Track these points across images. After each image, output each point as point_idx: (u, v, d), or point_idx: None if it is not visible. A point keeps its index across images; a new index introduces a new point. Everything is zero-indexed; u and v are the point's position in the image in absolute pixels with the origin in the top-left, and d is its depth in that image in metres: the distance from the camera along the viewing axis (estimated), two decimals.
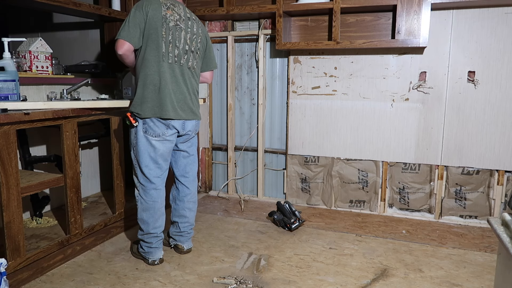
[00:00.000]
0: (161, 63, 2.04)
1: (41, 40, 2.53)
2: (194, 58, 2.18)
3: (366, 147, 3.03)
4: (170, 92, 2.07)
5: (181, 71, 2.12)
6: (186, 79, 2.14)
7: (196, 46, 2.18)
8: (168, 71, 2.06)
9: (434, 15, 2.72)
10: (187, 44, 2.13)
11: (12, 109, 1.94)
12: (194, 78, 2.21)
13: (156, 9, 2.01)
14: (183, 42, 2.11)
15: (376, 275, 2.14)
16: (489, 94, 2.70)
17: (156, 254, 2.24)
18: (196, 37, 2.18)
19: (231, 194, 3.51)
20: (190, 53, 2.15)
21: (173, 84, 2.09)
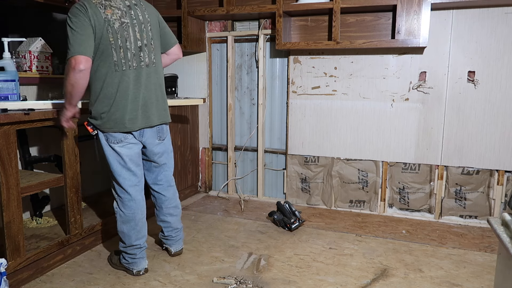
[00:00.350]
0: (114, 74, 1.88)
1: (41, 40, 2.53)
2: (150, 51, 1.99)
3: (366, 147, 3.03)
4: (126, 104, 1.92)
5: (138, 75, 1.94)
6: (145, 82, 1.97)
7: (149, 36, 1.98)
8: (124, 79, 1.90)
9: (434, 15, 2.72)
10: (138, 40, 1.94)
11: (12, 109, 1.94)
12: (157, 73, 2.03)
13: (96, 14, 1.81)
14: (133, 40, 1.92)
15: (376, 275, 2.14)
16: (489, 94, 2.70)
17: (140, 264, 2.12)
18: (145, 25, 1.97)
19: (231, 194, 3.51)
20: (144, 48, 1.96)
21: (132, 91, 1.93)
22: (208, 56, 3.43)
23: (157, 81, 2.04)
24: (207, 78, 3.45)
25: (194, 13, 3.11)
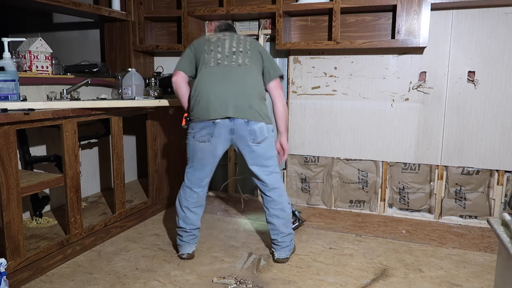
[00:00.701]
0: (202, 70, 2.13)
1: (41, 40, 2.53)
2: (244, 56, 2.14)
3: (366, 147, 3.03)
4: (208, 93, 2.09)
5: (226, 71, 2.11)
6: (233, 78, 2.11)
7: (245, 47, 2.16)
8: (209, 74, 2.11)
9: (434, 15, 2.72)
10: (233, 47, 2.15)
11: (12, 109, 1.94)
12: (250, 74, 2.13)
13: (200, 41, 2.22)
14: (228, 46, 2.15)
15: (376, 275, 2.14)
16: (489, 94, 2.70)
17: (184, 249, 2.31)
18: (243, 42, 2.18)
19: (231, 193, 3.51)
20: (238, 53, 2.14)
21: (215, 84, 2.09)
22: None
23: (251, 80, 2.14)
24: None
25: (194, 13, 3.11)
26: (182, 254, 2.30)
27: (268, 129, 2.17)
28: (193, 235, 2.31)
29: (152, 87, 2.98)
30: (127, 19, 3.25)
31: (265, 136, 2.14)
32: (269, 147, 2.19)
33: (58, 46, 3.55)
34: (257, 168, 2.19)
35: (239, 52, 2.14)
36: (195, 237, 2.32)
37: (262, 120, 2.13)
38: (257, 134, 2.12)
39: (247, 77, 2.12)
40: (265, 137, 2.14)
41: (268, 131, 2.16)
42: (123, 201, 2.66)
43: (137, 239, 2.58)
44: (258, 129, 2.11)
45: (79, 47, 3.69)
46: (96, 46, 3.63)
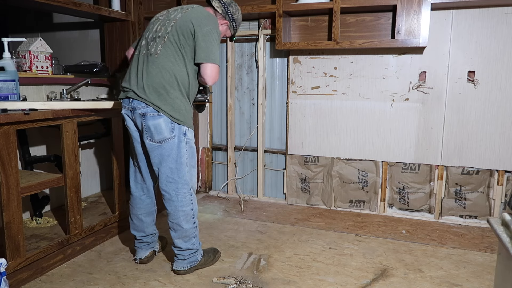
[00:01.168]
0: (132, 58, 2.05)
1: (41, 40, 2.53)
2: (159, 43, 1.93)
3: (366, 147, 3.03)
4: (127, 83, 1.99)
5: (143, 61, 1.95)
6: (142, 69, 1.94)
7: (165, 31, 1.93)
8: (134, 64, 2.00)
9: (434, 15, 2.72)
10: (156, 31, 1.97)
11: (12, 109, 1.94)
12: (155, 65, 1.91)
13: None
14: (154, 31, 1.98)
15: (376, 275, 2.14)
16: (489, 94, 2.70)
17: (137, 254, 2.26)
18: (169, 22, 1.95)
19: (231, 194, 3.51)
20: (156, 39, 1.95)
21: (133, 75, 1.97)
22: None
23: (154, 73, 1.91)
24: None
25: None
26: (135, 259, 2.25)
27: (174, 129, 1.92)
28: (145, 242, 2.22)
29: None
30: (127, 19, 3.25)
31: (165, 136, 1.91)
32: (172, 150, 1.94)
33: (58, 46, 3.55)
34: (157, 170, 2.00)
35: (157, 38, 1.95)
36: (148, 244, 2.23)
37: (164, 114, 1.89)
38: (152, 132, 1.91)
39: (151, 68, 1.91)
40: (165, 137, 1.92)
41: (174, 131, 1.92)
42: (123, 201, 2.66)
43: None
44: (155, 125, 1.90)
45: (79, 47, 3.69)
46: (96, 46, 3.63)
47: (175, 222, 2.04)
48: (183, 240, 2.06)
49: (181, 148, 1.96)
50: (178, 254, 2.11)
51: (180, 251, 2.09)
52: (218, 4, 2.07)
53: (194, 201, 2.07)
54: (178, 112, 1.92)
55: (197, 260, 2.15)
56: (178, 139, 1.95)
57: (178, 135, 1.94)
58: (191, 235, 2.07)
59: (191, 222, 2.06)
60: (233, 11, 2.11)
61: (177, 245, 2.08)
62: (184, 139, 1.97)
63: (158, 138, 1.92)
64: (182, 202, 2.01)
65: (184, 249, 2.08)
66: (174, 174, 1.98)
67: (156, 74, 1.91)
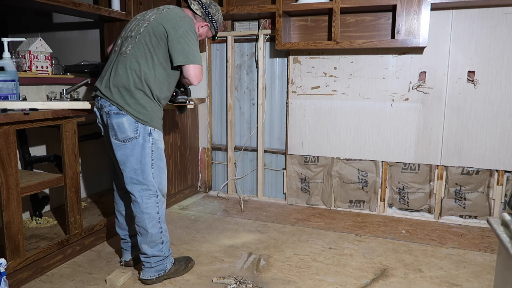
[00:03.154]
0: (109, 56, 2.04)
1: (40, 40, 2.53)
2: (130, 43, 1.90)
3: (366, 147, 3.03)
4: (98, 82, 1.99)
5: (114, 60, 1.94)
6: (111, 68, 1.93)
7: (138, 31, 1.91)
8: (108, 62, 1.99)
9: (433, 15, 2.72)
10: (130, 31, 1.95)
11: (12, 109, 1.94)
12: (122, 65, 1.89)
13: None
14: (128, 31, 1.97)
15: (375, 275, 2.14)
16: (488, 94, 2.71)
17: (123, 255, 2.23)
18: (143, 22, 1.93)
19: (231, 194, 3.51)
20: (129, 38, 1.93)
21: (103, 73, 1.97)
22: (208, 56, 3.43)
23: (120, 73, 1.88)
24: (207, 78, 3.45)
25: None
26: (120, 261, 2.21)
27: (138, 128, 1.87)
28: (129, 242, 2.17)
29: None
30: (127, 19, 3.24)
31: (128, 135, 1.87)
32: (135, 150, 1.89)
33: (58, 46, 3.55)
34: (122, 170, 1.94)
35: (129, 37, 1.92)
36: (133, 245, 2.17)
37: (127, 113, 1.85)
38: (115, 130, 1.87)
39: (119, 68, 1.89)
40: (128, 136, 1.87)
41: (138, 131, 1.87)
42: None
43: None
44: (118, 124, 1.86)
45: (79, 47, 3.69)
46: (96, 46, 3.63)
47: (140, 225, 1.96)
48: (149, 246, 1.97)
49: (145, 148, 1.89)
50: (144, 261, 2.01)
51: (147, 258, 1.99)
52: (197, 6, 2.04)
53: (160, 204, 1.98)
54: (142, 112, 1.87)
55: (166, 269, 2.04)
56: (143, 139, 1.89)
57: (142, 135, 1.88)
58: (157, 240, 1.98)
59: (157, 226, 1.97)
60: (213, 12, 2.08)
61: (143, 251, 1.98)
62: (150, 139, 1.90)
63: (121, 136, 1.88)
64: (147, 204, 1.93)
65: (151, 256, 1.98)
66: (139, 175, 1.91)
67: (122, 74, 1.87)
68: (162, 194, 2.00)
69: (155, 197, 1.95)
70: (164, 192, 2.02)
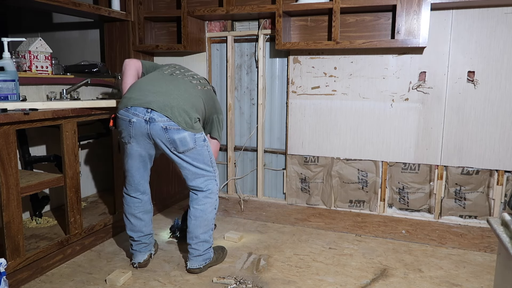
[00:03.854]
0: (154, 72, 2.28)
1: (40, 40, 2.53)
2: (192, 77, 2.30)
3: (366, 147, 3.03)
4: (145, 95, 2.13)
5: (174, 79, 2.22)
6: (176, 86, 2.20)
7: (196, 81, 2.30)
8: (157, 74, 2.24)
9: (433, 15, 2.72)
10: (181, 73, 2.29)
11: (12, 109, 1.94)
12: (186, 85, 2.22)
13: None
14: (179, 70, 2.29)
15: (375, 275, 2.14)
16: (489, 94, 2.71)
17: (135, 258, 2.23)
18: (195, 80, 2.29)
19: (231, 194, 3.51)
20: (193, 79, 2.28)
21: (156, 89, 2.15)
22: (208, 56, 3.43)
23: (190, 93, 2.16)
24: (207, 78, 3.45)
25: (193, 13, 3.11)
26: (133, 263, 2.22)
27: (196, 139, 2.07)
28: (144, 243, 2.23)
29: None
30: (127, 19, 3.25)
31: (189, 147, 2.05)
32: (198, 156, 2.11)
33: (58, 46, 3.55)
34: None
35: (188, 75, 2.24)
36: (146, 245, 2.24)
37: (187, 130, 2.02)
38: (177, 144, 2.03)
39: (192, 90, 2.14)
40: (190, 147, 2.06)
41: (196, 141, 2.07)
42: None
43: None
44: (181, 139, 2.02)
45: (79, 47, 3.69)
46: (96, 46, 3.63)
47: (201, 209, 2.13)
48: (203, 230, 2.13)
49: (204, 151, 2.12)
50: (193, 249, 2.15)
51: (196, 243, 2.13)
52: None
53: (217, 195, 2.21)
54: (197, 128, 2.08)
55: (211, 258, 2.20)
56: (202, 145, 2.10)
57: (200, 142, 2.09)
58: (210, 225, 2.16)
59: (213, 212, 2.18)
60: None
61: (196, 234, 2.12)
62: (205, 144, 2.13)
63: (183, 149, 2.05)
64: (211, 192, 2.16)
65: (201, 241, 2.13)
66: (202, 171, 2.14)
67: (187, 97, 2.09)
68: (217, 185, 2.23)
69: (216, 186, 2.20)
70: (218, 184, 2.26)
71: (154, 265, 2.23)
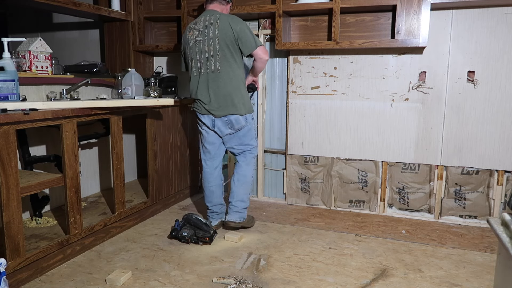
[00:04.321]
0: (192, 77, 2.59)
1: (40, 40, 2.53)
2: (216, 61, 2.47)
3: (366, 147, 3.03)
4: (199, 97, 2.56)
5: (206, 79, 2.52)
6: (210, 84, 2.51)
7: (215, 48, 2.46)
8: (195, 81, 2.56)
9: (433, 15, 2.72)
10: (206, 52, 2.48)
11: (12, 109, 1.94)
12: (228, 76, 2.49)
13: (184, 36, 2.61)
14: (202, 53, 2.49)
15: (375, 275, 2.14)
16: (488, 94, 2.71)
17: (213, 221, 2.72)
18: (213, 41, 2.45)
19: None
20: (211, 58, 2.48)
21: (200, 90, 2.54)
22: None
23: (223, 83, 2.49)
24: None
25: (194, 13, 3.11)
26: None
27: (247, 119, 2.57)
28: (215, 212, 2.72)
29: (151, 87, 2.98)
30: (127, 19, 3.25)
31: (242, 124, 2.56)
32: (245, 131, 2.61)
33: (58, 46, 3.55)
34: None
35: (211, 57, 2.47)
36: (217, 214, 2.72)
37: (236, 112, 2.52)
38: (233, 123, 2.55)
39: (223, 81, 2.48)
40: (242, 125, 2.56)
41: (247, 120, 2.57)
42: (122, 201, 2.66)
43: (137, 239, 2.58)
44: (234, 119, 2.54)
45: (79, 47, 3.69)
46: (96, 46, 3.63)
47: (244, 173, 2.64)
48: (245, 190, 2.65)
49: (251, 128, 2.65)
50: (234, 205, 2.64)
51: (237, 201, 2.63)
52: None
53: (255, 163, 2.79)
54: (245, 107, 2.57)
55: (245, 218, 2.68)
56: (247, 123, 2.60)
57: (247, 121, 2.59)
58: (250, 188, 2.69)
59: (252, 178, 2.70)
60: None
61: (239, 192, 2.63)
62: (252, 122, 2.64)
63: (237, 127, 2.57)
64: (252, 160, 2.69)
65: (240, 200, 2.64)
66: (247, 146, 2.65)
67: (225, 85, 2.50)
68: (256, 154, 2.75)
69: (255, 156, 2.72)
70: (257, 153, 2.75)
71: (154, 265, 2.23)
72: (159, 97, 2.95)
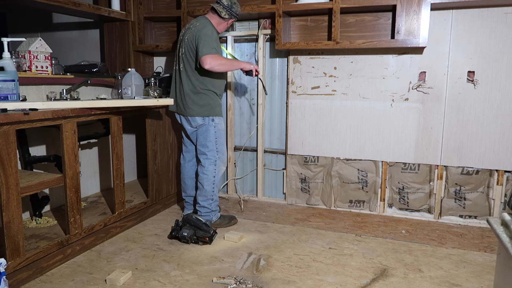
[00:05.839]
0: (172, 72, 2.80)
1: (40, 40, 2.53)
2: (182, 62, 2.65)
3: (366, 147, 3.03)
4: (171, 92, 2.79)
5: (175, 77, 2.73)
6: (177, 82, 2.71)
7: (182, 51, 2.64)
8: (173, 77, 2.78)
9: (433, 15, 2.72)
10: (180, 52, 2.68)
11: (12, 109, 1.94)
12: (186, 78, 2.64)
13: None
14: (179, 52, 2.69)
15: (375, 275, 2.14)
16: (488, 94, 2.71)
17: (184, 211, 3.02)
18: (184, 43, 2.63)
19: (231, 194, 3.51)
20: (180, 59, 2.67)
21: (172, 87, 2.77)
22: None
23: (186, 83, 2.64)
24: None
25: (193, 13, 3.11)
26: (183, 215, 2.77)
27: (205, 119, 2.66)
28: (188, 202, 2.97)
29: (151, 87, 2.98)
30: (127, 19, 3.25)
31: (199, 123, 2.66)
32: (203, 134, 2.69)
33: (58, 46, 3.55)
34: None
35: (181, 56, 2.65)
36: (190, 204, 2.96)
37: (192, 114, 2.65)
38: (190, 121, 2.68)
39: (183, 82, 2.66)
40: (199, 124, 2.66)
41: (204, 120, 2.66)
42: (122, 201, 2.66)
43: (136, 239, 2.58)
44: (191, 117, 2.67)
45: (79, 47, 3.69)
46: (96, 46, 3.63)
47: (200, 182, 2.72)
48: (202, 198, 2.73)
49: (208, 129, 2.67)
50: (197, 209, 2.78)
51: (199, 207, 2.75)
52: (225, 13, 2.61)
53: (217, 171, 2.72)
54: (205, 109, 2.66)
55: (211, 220, 2.74)
56: (205, 123, 2.66)
57: (205, 120, 2.66)
58: (208, 196, 2.71)
59: (211, 186, 2.71)
60: (237, 11, 2.67)
61: (198, 201, 2.76)
62: (213, 124, 2.67)
63: (194, 125, 2.68)
64: (210, 167, 2.70)
65: (201, 206, 2.73)
66: (205, 148, 2.69)
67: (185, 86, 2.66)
68: (222, 162, 2.75)
69: (213, 164, 2.71)
70: (223, 160, 2.77)
71: (154, 265, 2.23)
72: (159, 97, 2.95)
